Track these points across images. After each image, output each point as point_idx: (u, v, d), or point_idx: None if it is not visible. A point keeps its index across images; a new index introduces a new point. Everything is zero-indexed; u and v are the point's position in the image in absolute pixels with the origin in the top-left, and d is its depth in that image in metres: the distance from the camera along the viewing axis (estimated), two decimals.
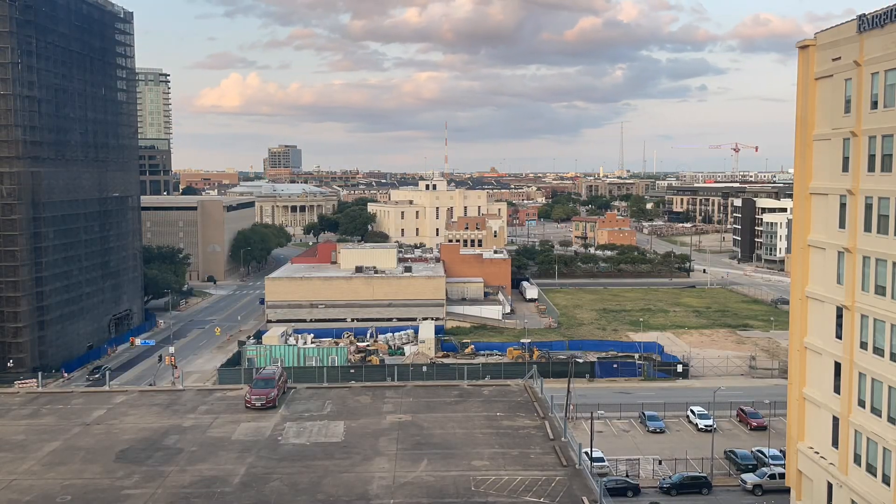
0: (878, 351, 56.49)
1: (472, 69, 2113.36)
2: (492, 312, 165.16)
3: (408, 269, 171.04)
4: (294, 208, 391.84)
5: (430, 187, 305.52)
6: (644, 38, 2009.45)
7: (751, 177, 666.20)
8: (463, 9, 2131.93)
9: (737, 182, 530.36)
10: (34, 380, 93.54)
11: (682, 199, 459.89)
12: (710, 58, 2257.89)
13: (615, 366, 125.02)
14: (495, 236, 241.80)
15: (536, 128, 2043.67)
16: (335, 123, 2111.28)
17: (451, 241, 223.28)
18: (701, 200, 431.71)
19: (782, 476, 74.49)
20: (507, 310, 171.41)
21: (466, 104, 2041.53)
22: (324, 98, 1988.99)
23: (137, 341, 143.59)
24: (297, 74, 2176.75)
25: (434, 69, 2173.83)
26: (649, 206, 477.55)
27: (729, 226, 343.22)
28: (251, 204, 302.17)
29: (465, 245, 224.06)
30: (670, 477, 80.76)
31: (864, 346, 58.18)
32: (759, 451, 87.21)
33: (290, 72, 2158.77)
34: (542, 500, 36.76)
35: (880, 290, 56.22)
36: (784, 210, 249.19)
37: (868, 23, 56.86)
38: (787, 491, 70.41)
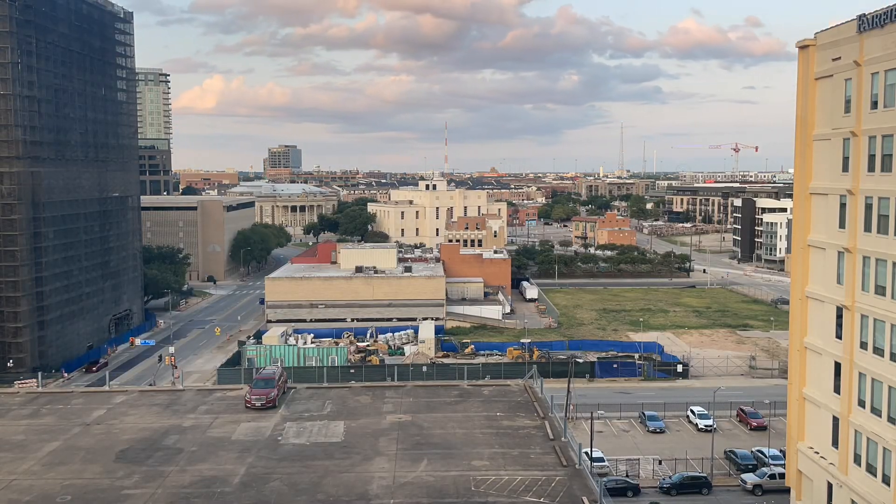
0: (878, 351, 56.49)
1: (430, 74, 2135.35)
2: (492, 312, 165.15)
3: (408, 269, 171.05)
4: (294, 208, 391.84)
5: (430, 187, 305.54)
6: (579, 47, 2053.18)
7: (751, 177, 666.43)
8: (398, 22, 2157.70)
9: (737, 182, 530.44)
10: (34, 380, 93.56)
11: (682, 199, 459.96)
12: (652, 63, 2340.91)
13: (615, 366, 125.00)
14: (495, 236, 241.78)
15: (516, 129, 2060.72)
16: (315, 125, 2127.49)
17: (451, 241, 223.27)
18: (701, 200, 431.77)
19: (782, 476, 74.50)
20: (507, 310, 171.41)
21: (438, 106, 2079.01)
22: (296, 100, 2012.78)
23: (137, 341, 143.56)
24: (259, 78, 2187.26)
25: (394, 73, 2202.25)
26: (649, 206, 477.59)
27: (729, 226, 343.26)
28: (251, 204, 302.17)
29: (465, 245, 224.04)
30: (670, 477, 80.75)
31: (864, 346, 58.18)
32: (759, 451, 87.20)
33: (255, 76, 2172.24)
34: (542, 500, 36.76)
35: (880, 290, 56.22)
36: (784, 210, 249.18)
37: (868, 23, 56.87)
38: (787, 491, 70.42)
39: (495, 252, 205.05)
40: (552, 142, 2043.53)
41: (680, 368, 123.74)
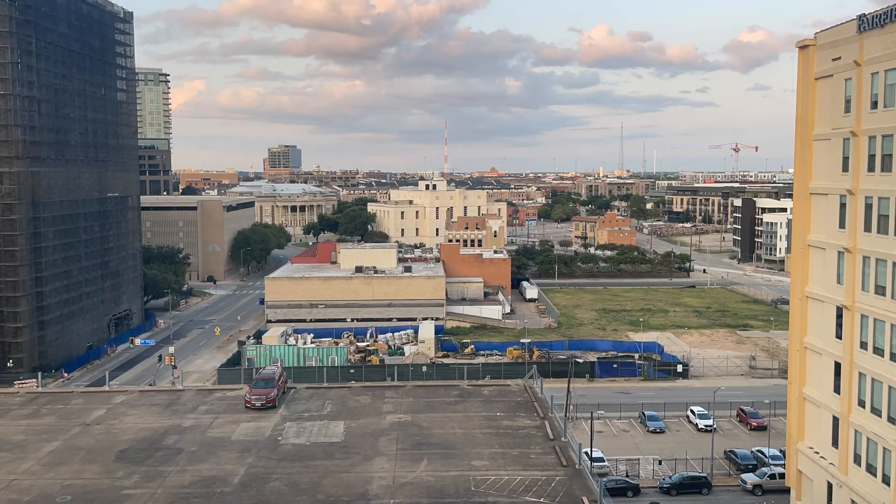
0: (878, 351, 56.48)
1: (375, 80, 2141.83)
2: (492, 312, 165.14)
3: (408, 269, 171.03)
4: (294, 208, 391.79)
5: (430, 187, 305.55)
6: (503, 55, 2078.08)
7: (751, 177, 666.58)
8: (317, 34, 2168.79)
9: (737, 182, 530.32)
10: (34, 380, 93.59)
11: (681, 199, 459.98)
12: (579, 71, 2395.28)
13: (615, 366, 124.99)
14: (495, 236, 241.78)
15: (489, 130, 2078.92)
16: (288, 126, 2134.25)
17: (451, 241, 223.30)
18: (701, 200, 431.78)
19: (782, 476, 74.49)
20: (507, 310, 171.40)
21: (402, 108, 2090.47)
22: (259, 103, 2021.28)
23: (137, 341, 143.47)
24: (215, 84, 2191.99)
25: (341, 79, 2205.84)
26: (649, 206, 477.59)
27: (729, 226, 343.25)
28: (251, 204, 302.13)
29: (465, 245, 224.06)
30: (670, 477, 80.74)
31: (864, 346, 58.17)
32: (759, 451, 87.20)
33: (211, 81, 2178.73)
34: (542, 500, 36.75)
35: (880, 290, 56.21)
36: (784, 210, 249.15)
37: (868, 23, 56.86)
38: (787, 491, 70.41)
39: (495, 252, 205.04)
40: (528, 143, 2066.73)
41: (680, 368, 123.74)
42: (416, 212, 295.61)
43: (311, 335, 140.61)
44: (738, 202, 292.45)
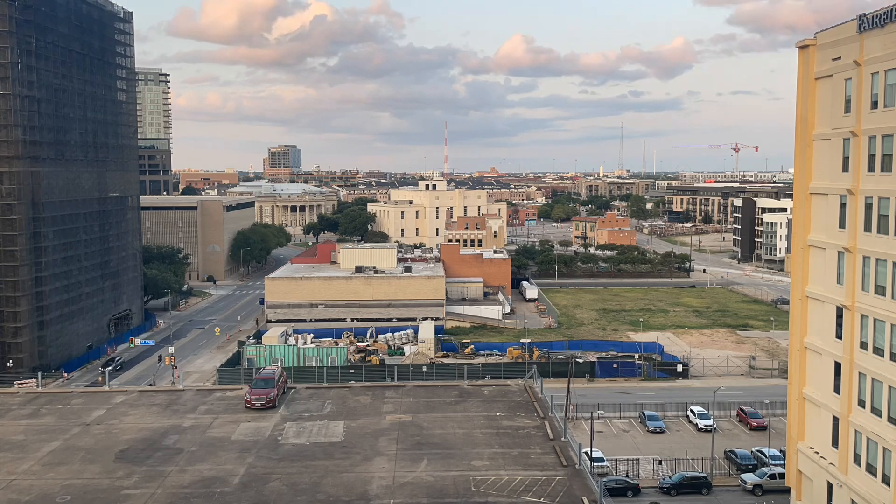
0: (878, 351, 56.47)
1: (319, 84, 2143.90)
2: (492, 312, 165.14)
3: (408, 269, 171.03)
4: (294, 208, 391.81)
5: (430, 187, 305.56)
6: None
7: (751, 177, 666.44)
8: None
9: (737, 182, 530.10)
10: (34, 380, 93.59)
11: (682, 199, 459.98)
12: (520, 80, 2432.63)
13: (615, 366, 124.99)
14: (495, 236, 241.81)
15: (462, 132, 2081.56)
16: (262, 126, 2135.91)
17: (450, 241, 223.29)
18: (701, 200, 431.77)
19: (782, 476, 74.50)
20: (507, 310, 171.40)
21: (367, 109, 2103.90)
22: (218, 105, 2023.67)
23: (137, 341, 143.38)
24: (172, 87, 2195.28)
25: (287, 84, 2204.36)
26: (649, 206, 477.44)
27: (729, 226, 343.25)
28: (251, 204, 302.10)
29: (465, 245, 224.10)
30: (670, 477, 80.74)
31: (864, 346, 58.15)
32: (759, 451, 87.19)
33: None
34: (542, 500, 36.75)
35: (880, 290, 56.20)
36: (784, 210, 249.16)
37: (868, 22, 56.84)
38: (787, 491, 70.41)
39: (495, 252, 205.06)
40: (498, 144, 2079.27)
41: (680, 368, 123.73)
42: (416, 212, 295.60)
43: (311, 335, 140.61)
44: (738, 202, 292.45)
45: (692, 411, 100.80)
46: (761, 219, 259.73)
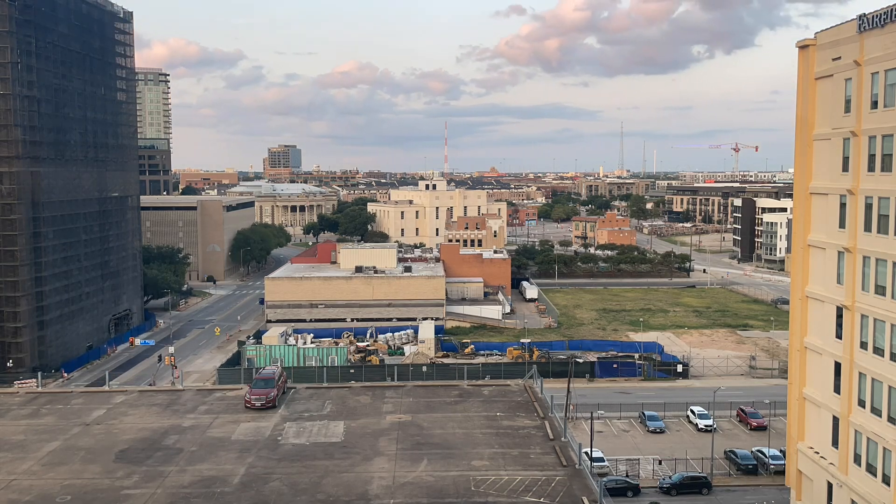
0: (878, 351, 56.47)
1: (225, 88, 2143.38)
2: (492, 312, 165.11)
3: (408, 269, 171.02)
4: (294, 208, 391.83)
5: (430, 187, 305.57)
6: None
7: (751, 177, 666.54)
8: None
9: (737, 182, 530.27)
10: (34, 380, 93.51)
11: (682, 199, 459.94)
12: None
13: (615, 366, 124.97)
14: (495, 236, 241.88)
15: (401, 136, 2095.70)
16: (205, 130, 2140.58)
17: (450, 241, 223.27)
18: (701, 200, 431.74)
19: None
20: (507, 310, 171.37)
21: (314, 112, 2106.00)
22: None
23: (137, 341, 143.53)
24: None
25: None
26: (649, 205, 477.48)
27: (729, 226, 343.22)
28: (251, 204, 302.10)
29: (465, 245, 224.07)
30: (670, 477, 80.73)
31: (864, 345, 58.16)
32: (759, 451, 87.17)
33: None
34: (542, 500, 36.74)
35: (880, 290, 56.20)
36: (784, 210, 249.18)
37: (868, 22, 56.85)
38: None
39: (495, 252, 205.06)
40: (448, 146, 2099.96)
41: (680, 368, 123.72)
42: (416, 212, 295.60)
43: (311, 335, 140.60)
44: (738, 202, 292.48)
45: (692, 411, 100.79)
46: (761, 219, 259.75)
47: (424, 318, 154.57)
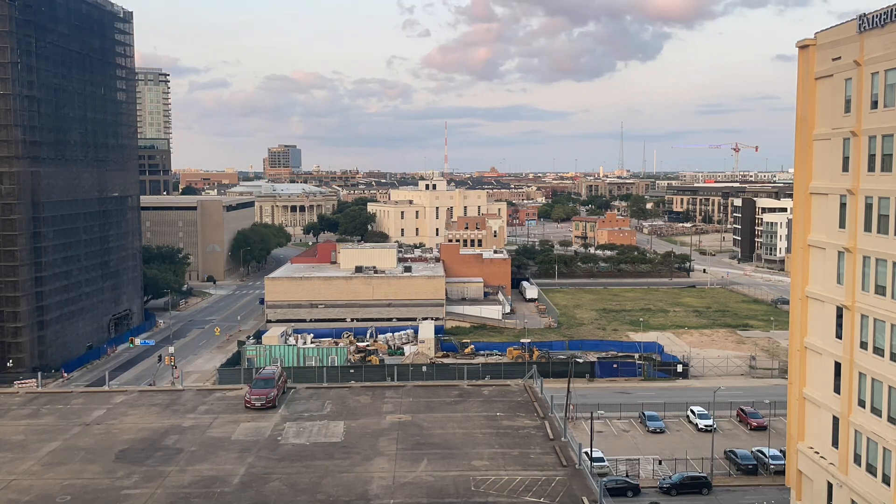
0: (878, 351, 56.46)
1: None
2: (492, 312, 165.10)
3: (408, 269, 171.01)
4: (294, 208, 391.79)
5: (430, 187, 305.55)
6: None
7: (751, 177, 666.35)
8: None
9: (737, 182, 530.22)
10: (34, 380, 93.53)
11: (682, 199, 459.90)
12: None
13: (615, 366, 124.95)
14: (495, 236, 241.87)
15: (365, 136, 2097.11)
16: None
17: (450, 241, 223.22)
18: (701, 200, 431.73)
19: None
20: (507, 310, 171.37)
21: (284, 113, 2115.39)
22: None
23: (137, 341, 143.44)
24: None
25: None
26: (649, 205, 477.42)
27: (729, 226, 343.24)
28: (251, 204, 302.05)
29: (465, 245, 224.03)
30: (670, 477, 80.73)
31: (864, 346, 58.15)
32: (759, 450, 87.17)
33: None
34: (542, 500, 36.74)
35: (880, 290, 56.19)
36: (784, 210, 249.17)
37: (868, 22, 56.84)
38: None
39: (495, 252, 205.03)
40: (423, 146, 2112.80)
41: (680, 368, 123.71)
42: (416, 212, 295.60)
43: (311, 335, 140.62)
44: (738, 202, 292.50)
45: (692, 411, 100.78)
46: (761, 219, 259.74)
47: (424, 318, 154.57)
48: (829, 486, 62.51)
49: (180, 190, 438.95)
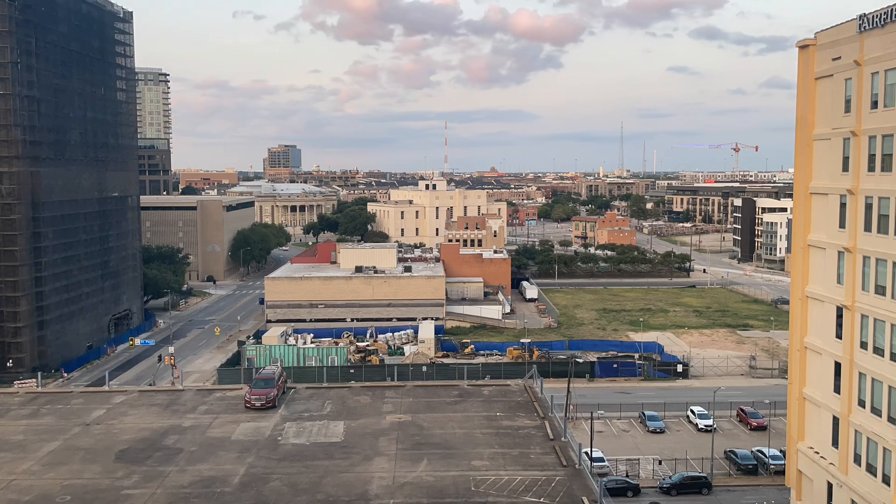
0: (879, 351, 56.46)
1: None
2: (492, 312, 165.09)
3: (407, 269, 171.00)
4: (294, 208, 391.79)
5: (430, 187, 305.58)
6: None
7: (751, 177, 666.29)
8: None
9: (737, 182, 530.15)
10: (34, 380, 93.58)
11: (682, 199, 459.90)
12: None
13: (615, 366, 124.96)
14: (495, 236, 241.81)
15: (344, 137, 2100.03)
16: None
17: (450, 240, 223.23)
18: (701, 200, 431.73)
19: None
20: (507, 310, 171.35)
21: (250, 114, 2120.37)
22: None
23: (137, 341, 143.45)
24: None
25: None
26: (649, 205, 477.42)
27: (729, 226, 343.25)
28: (251, 204, 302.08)
29: (465, 245, 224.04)
30: (670, 477, 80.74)
31: (864, 345, 58.14)
32: (759, 451, 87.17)
33: None
34: (542, 500, 36.74)
35: (880, 290, 56.19)
36: (784, 210, 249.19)
37: (868, 22, 56.84)
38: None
39: (495, 252, 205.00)
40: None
41: (680, 368, 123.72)
42: (416, 212, 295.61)
43: (311, 335, 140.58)
44: (738, 202, 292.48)
45: (692, 411, 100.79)
46: (761, 219, 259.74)
47: (424, 318, 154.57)
48: (829, 486, 62.51)
49: (180, 190, 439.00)
